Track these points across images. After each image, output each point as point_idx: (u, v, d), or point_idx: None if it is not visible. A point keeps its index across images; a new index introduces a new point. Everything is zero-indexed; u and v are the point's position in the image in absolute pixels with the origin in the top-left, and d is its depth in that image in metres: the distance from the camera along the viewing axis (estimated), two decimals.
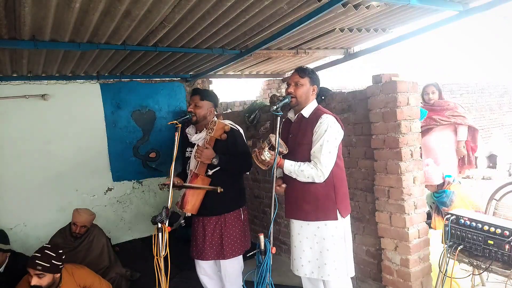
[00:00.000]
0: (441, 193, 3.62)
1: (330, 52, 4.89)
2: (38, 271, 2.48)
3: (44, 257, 2.53)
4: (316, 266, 2.28)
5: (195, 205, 2.55)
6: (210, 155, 2.50)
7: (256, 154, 2.17)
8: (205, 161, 2.52)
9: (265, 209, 4.44)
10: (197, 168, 2.57)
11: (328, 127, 2.19)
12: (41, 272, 2.49)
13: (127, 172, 5.33)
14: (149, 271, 2.36)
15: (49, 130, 4.75)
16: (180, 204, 2.57)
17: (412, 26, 4.01)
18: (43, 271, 2.49)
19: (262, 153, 2.13)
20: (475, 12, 3.17)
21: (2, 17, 2.64)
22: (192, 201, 2.54)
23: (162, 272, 2.12)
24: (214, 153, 2.51)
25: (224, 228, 2.66)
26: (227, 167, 2.58)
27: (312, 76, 2.35)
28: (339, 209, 2.27)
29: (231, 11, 2.90)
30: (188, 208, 2.53)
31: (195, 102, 2.68)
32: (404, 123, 2.60)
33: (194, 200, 2.54)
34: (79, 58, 3.95)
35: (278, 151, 2.10)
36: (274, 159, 2.10)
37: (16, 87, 4.55)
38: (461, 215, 2.30)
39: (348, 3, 3.00)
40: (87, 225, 3.58)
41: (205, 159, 2.50)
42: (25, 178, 4.62)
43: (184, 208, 2.53)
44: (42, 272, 2.49)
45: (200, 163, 2.56)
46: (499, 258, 2.08)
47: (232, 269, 2.74)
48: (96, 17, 2.74)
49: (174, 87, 5.69)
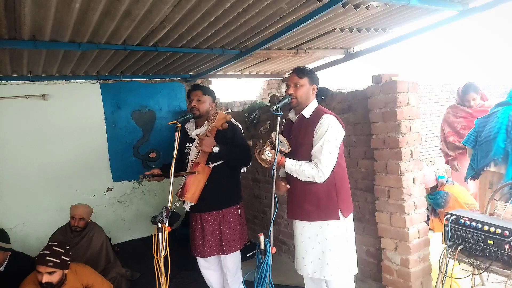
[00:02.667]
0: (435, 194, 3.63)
1: (330, 52, 4.89)
2: (49, 268, 2.50)
3: (53, 254, 2.56)
4: (318, 266, 2.29)
5: (195, 194, 2.56)
6: (211, 143, 2.51)
7: (258, 152, 2.18)
8: (205, 149, 2.52)
9: (265, 209, 4.44)
10: (198, 157, 2.58)
11: (328, 127, 2.19)
12: (53, 268, 2.51)
13: (127, 172, 5.33)
14: (149, 271, 2.36)
15: (49, 130, 4.76)
16: (180, 193, 2.57)
17: (412, 26, 4.01)
18: (55, 267, 2.51)
19: (263, 153, 2.13)
20: (475, 12, 3.18)
21: (2, 17, 2.64)
22: (192, 190, 2.54)
23: (162, 272, 2.12)
24: (215, 142, 2.52)
25: (223, 224, 2.68)
26: (227, 158, 2.59)
27: (311, 75, 2.35)
28: (341, 209, 2.27)
29: (231, 11, 2.90)
30: (188, 196, 2.53)
31: (197, 97, 2.69)
32: (404, 123, 2.60)
33: (194, 189, 2.55)
34: (79, 58, 3.95)
35: (278, 151, 2.10)
36: (275, 158, 2.11)
37: (16, 87, 4.55)
38: (461, 215, 2.30)
39: (348, 3, 2.99)
40: (85, 217, 3.60)
41: (206, 147, 2.51)
42: (25, 178, 4.62)
43: (184, 196, 2.53)
44: (54, 268, 2.51)
45: (201, 152, 2.57)
46: (499, 258, 2.08)
47: (232, 264, 2.78)
48: (96, 17, 2.74)
49: (174, 87, 5.70)
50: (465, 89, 3.94)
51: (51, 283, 2.51)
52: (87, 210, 3.66)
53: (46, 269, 2.49)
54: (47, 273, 2.49)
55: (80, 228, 3.56)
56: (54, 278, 2.52)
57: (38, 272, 2.50)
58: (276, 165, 2.10)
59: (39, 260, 2.52)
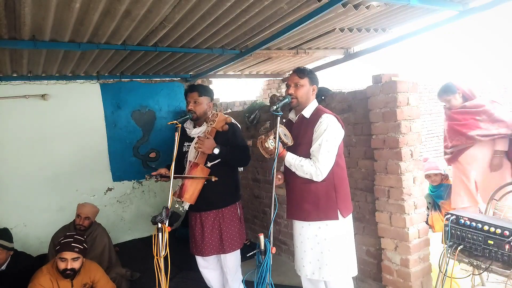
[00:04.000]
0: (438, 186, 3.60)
1: (330, 52, 4.89)
2: (75, 254, 2.63)
3: (77, 241, 2.70)
4: (317, 267, 2.28)
5: (194, 195, 2.55)
6: (211, 145, 2.50)
7: (261, 141, 2.18)
8: (206, 151, 2.52)
9: (265, 209, 4.44)
10: (197, 158, 2.58)
11: (327, 127, 2.20)
12: (78, 254, 2.63)
13: (127, 172, 5.33)
14: (149, 271, 2.36)
15: (49, 130, 4.75)
16: (178, 194, 2.56)
17: (412, 26, 4.01)
18: (79, 253, 2.65)
19: (266, 141, 2.14)
20: (475, 12, 3.18)
21: (2, 17, 2.64)
22: (191, 191, 2.53)
23: (162, 272, 2.12)
24: (215, 143, 2.52)
25: (223, 223, 2.68)
26: (227, 158, 2.59)
27: (311, 76, 2.35)
28: (340, 209, 2.27)
29: (231, 11, 2.90)
30: (186, 197, 2.52)
31: (194, 99, 2.66)
32: (404, 123, 2.60)
33: (192, 190, 2.54)
34: (79, 58, 3.95)
35: (277, 151, 2.11)
36: (275, 158, 2.11)
37: (16, 87, 4.55)
38: (461, 215, 2.30)
39: (348, 3, 2.99)
40: (90, 216, 3.60)
41: (206, 149, 2.50)
42: (25, 178, 4.62)
43: (183, 196, 2.52)
44: (79, 254, 2.64)
45: (200, 153, 2.56)
46: (499, 258, 2.08)
47: (232, 263, 2.77)
48: (96, 17, 2.74)
49: (174, 87, 5.70)
50: (438, 92, 3.62)
51: (74, 269, 2.62)
52: (93, 210, 3.67)
53: (73, 255, 2.61)
54: (72, 259, 2.61)
55: (85, 227, 3.56)
56: (77, 264, 2.64)
57: (62, 259, 2.60)
58: (276, 165, 2.10)
59: (64, 247, 2.62)
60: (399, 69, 15.89)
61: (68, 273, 2.60)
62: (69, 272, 2.60)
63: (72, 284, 2.69)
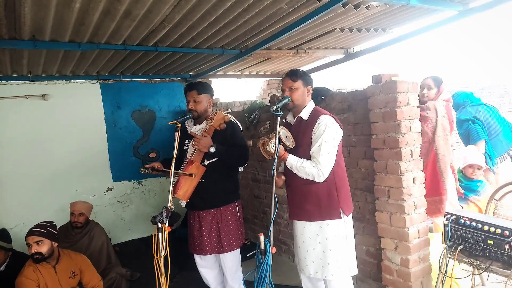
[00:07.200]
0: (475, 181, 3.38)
1: (330, 52, 4.89)
2: (36, 237, 2.63)
3: (39, 226, 2.74)
4: (319, 266, 2.29)
5: (187, 192, 2.55)
6: (207, 143, 2.50)
7: (263, 143, 2.19)
8: (202, 149, 2.51)
9: (265, 209, 4.44)
10: (193, 155, 2.57)
11: (326, 128, 2.21)
12: (39, 237, 2.63)
13: (127, 172, 5.33)
14: (149, 271, 2.36)
15: (49, 130, 4.75)
16: (173, 190, 2.55)
17: (412, 26, 4.01)
18: (41, 236, 2.64)
19: (268, 144, 2.15)
20: (475, 12, 3.18)
21: (2, 17, 2.64)
22: (185, 188, 2.53)
23: (162, 272, 2.12)
24: (212, 142, 2.51)
25: (221, 222, 2.67)
26: (224, 158, 2.58)
27: (304, 77, 2.35)
28: (342, 208, 2.28)
29: (231, 11, 2.90)
30: (180, 193, 2.52)
31: (193, 98, 2.66)
32: (404, 123, 2.60)
33: (186, 187, 2.54)
34: (79, 58, 3.95)
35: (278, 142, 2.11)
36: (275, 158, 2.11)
37: (16, 87, 4.55)
38: (461, 215, 2.30)
39: (348, 3, 3.00)
40: (84, 212, 3.61)
41: (202, 147, 2.50)
42: (25, 178, 4.62)
43: (176, 193, 2.52)
44: (40, 237, 2.64)
45: (196, 151, 2.56)
46: (499, 258, 2.08)
47: (231, 263, 2.76)
48: (96, 17, 2.74)
49: (174, 87, 5.70)
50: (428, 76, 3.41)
51: (40, 253, 2.63)
52: (86, 206, 3.69)
53: (34, 238, 2.63)
54: (35, 242, 2.62)
55: (81, 223, 3.57)
56: (42, 248, 2.64)
57: (28, 245, 2.63)
58: (277, 159, 2.10)
59: (28, 233, 2.67)
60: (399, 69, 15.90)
61: (37, 257, 2.61)
62: (37, 256, 2.61)
63: (56, 270, 2.73)
